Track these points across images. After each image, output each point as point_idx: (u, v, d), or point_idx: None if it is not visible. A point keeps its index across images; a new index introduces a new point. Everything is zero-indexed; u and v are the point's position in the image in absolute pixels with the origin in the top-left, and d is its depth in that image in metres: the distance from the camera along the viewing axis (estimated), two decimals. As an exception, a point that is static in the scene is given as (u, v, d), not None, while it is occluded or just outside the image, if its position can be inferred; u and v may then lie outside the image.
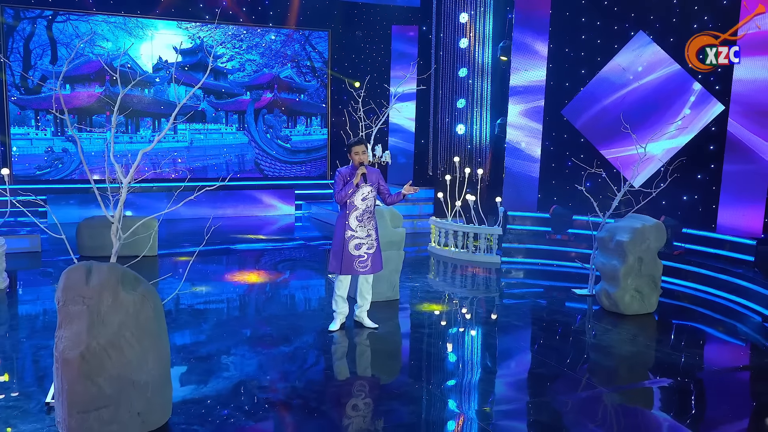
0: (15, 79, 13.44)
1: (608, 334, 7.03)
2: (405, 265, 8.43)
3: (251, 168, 15.72)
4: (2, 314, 7.49)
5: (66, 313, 4.27)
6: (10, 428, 4.44)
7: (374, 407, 5.15)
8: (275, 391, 5.26)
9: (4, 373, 5.57)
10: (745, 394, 5.90)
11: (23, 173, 13.57)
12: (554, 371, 5.93)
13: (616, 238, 7.59)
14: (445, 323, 7.42)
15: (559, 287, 9.04)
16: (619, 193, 8.38)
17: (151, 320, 4.41)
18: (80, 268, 4.33)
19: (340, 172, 6.54)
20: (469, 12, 13.14)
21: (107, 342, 4.21)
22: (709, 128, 10.09)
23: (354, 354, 6.42)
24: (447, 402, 5.27)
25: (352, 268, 6.52)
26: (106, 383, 4.19)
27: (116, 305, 4.27)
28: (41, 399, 4.86)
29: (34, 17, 13.49)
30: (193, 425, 4.56)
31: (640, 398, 5.52)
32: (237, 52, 15.26)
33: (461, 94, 13.46)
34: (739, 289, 8.39)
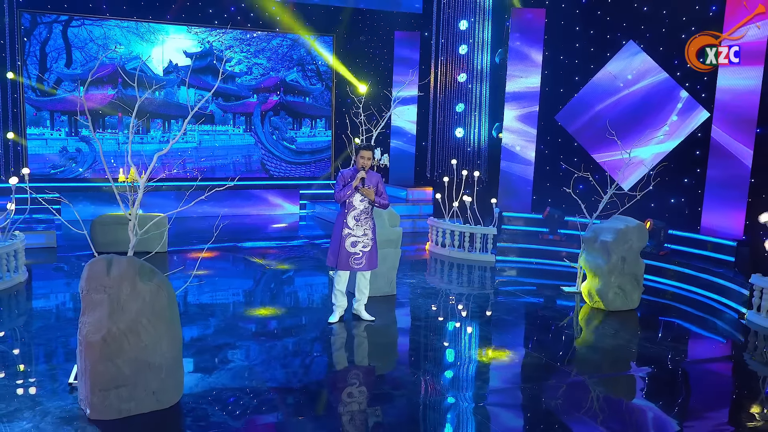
0: (32, 81, 13.96)
1: (592, 329, 7.49)
2: (403, 263, 8.88)
3: (257, 168, 16.22)
4: (22, 305, 8.01)
5: (89, 301, 4.76)
6: (38, 406, 4.93)
7: (369, 394, 5.61)
8: (277, 377, 5.73)
9: (30, 357, 6.07)
10: (718, 384, 6.33)
11: (38, 172, 14.08)
12: (541, 362, 6.41)
13: (600, 238, 8.04)
14: (439, 317, 7.86)
15: (549, 285, 9.50)
16: (605, 195, 8.83)
17: (165, 308, 4.89)
18: (102, 260, 4.83)
19: (342, 173, 7.01)
20: (468, 19, 13.60)
21: (126, 327, 4.69)
22: (695, 134, 10.52)
23: (352, 344, 6.89)
24: (439, 389, 5.73)
25: (347, 264, 6.98)
26: (124, 364, 4.68)
27: (134, 294, 4.76)
28: (64, 380, 5.35)
29: (50, 22, 14.01)
30: (202, 404, 5.03)
31: (619, 387, 5.99)
32: (245, 56, 15.75)
33: (460, 99, 13.93)
34: (719, 288, 8.83)
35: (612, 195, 8.85)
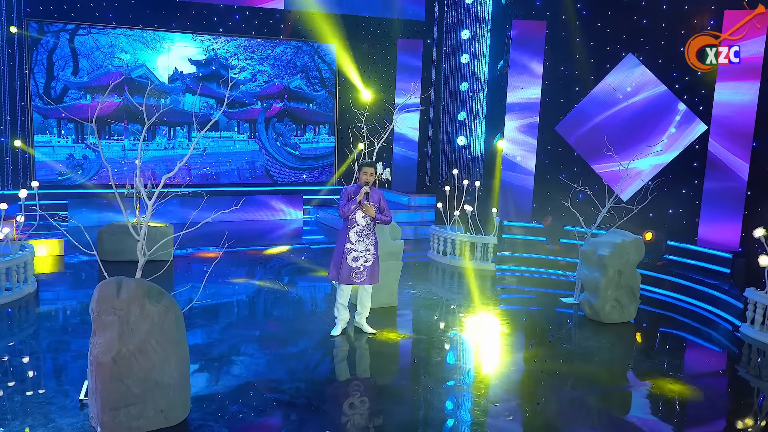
0: (39, 89, 14.15)
1: (588, 342, 7.65)
2: (405, 271, 9.05)
3: (261, 174, 16.40)
4: (32, 317, 8.19)
5: (100, 322, 4.94)
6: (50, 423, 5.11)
7: (371, 406, 5.79)
8: (281, 391, 5.91)
9: (41, 371, 6.26)
10: (711, 398, 6.48)
11: (45, 179, 14.28)
12: (538, 376, 6.58)
13: (597, 252, 8.20)
14: (439, 330, 8.02)
15: (548, 295, 9.65)
16: (603, 209, 8.98)
17: (173, 329, 5.07)
18: (112, 282, 5.00)
19: (345, 190, 7.18)
20: (470, 28, 13.75)
21: (135, 348, 4.87)
22: (692, 146, 10.67)
23: (354, 357, 7.07)
24: (438, 404, 5.90)
25: (348, 278, 7.15)
26: (134, 384, 4.86)
27: (143, 316, 4.94)
28: (75, 396, 5.53)
29: (57, 30, 14.20)
30: (209, 421, 5.22)
31: (613, 401, 6.16)
32: (249, 63, 15.92)
33: (462, 107, 14.08)
34: (714, 300, 8.98)
35: (610, 209, 9.00)
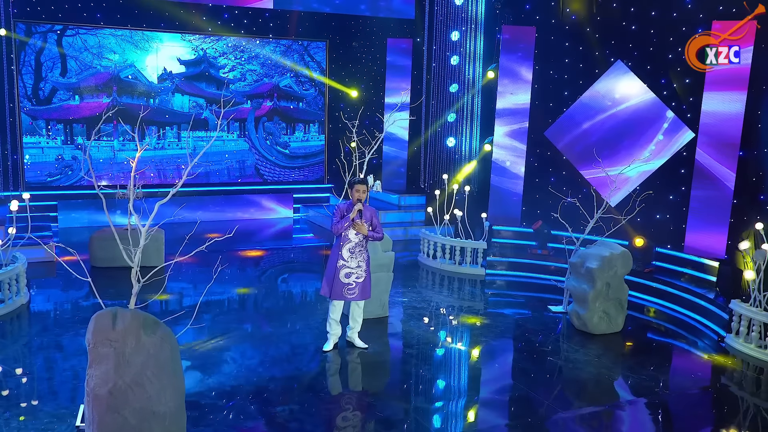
0: (27, 90, 14.07)
1: (576, 354, 7.78)
2: (395, 275, 9.12)
3: (251, 173, 16.41)
4: (24, 330, 8.22)
5: (96, 354, 4.99)
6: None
7: (362, 421, 5.91)
8: (273, 405, 6.04)
9: (37, 394, 6.29)
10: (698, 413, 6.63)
11: (35, 180, 14.24)
12: (525, 394, 6.71)
13: (586, 264, 8.31)
14: (430, 343, 8.11)
15: (537, 301, 9.73)
16: (591, 219, 9.10)
17: (169, 360, 5.13)
18: (107, 314, 5.05)
19: (338, 207, 7.25)
20: (459, 30, 13.76)
21: (131, 380, 4.93)
22: (680, 153, 10.78)
23: (346, 372, 7.17)
24: (426, 424, 6.02)
25: (341, 294, 7.23)
26: (130, 415, 4.92)
27: (139, 347, 5.00)
28: (72, 421, 5.60)
29: (45, 32, 14.08)
30: (204, 447, 5.31)
31: (600, 417, 6.29)
32: (238, 62, 15.88)
33: (452, 109, 14.12)
34: (700, 309, 9.14)
35: (598, 219, 9.11)
